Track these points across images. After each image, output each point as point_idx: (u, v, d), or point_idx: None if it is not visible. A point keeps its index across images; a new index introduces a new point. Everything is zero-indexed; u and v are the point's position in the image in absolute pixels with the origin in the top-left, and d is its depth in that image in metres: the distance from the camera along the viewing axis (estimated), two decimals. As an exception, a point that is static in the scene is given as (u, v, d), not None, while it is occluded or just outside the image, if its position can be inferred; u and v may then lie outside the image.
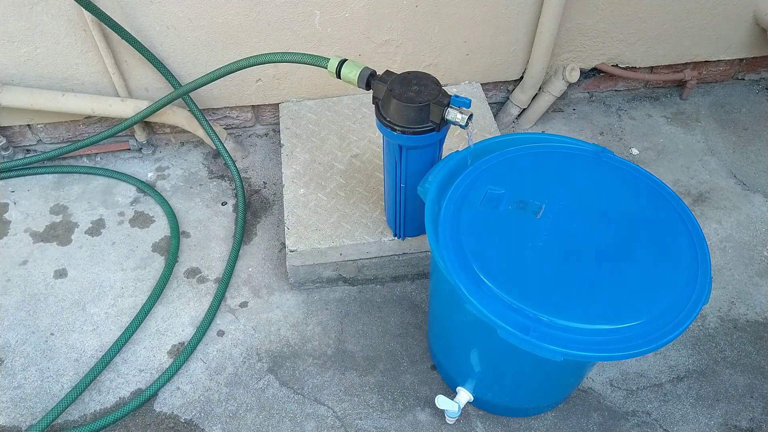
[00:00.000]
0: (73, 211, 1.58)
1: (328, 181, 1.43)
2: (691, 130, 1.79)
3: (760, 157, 1.71)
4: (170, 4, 1.41)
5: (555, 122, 1.81)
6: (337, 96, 1.66)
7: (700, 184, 1.64)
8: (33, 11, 1.38)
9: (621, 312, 0.83)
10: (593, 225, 0.93)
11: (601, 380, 1.26)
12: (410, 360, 1.29)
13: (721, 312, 1.37)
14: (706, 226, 1.53)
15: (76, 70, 1.51)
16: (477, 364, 1.07)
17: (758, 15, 1.67)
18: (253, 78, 1.59)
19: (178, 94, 1.46)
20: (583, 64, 1.73)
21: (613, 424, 1.20)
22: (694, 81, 1.82)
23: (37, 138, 1.69)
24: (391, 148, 1.09)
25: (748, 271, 1.44)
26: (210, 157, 1.72)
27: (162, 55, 1.50)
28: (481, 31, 1.58)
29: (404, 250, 1.35)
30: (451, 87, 1.68)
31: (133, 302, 1.38)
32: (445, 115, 0.99)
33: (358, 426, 1.19)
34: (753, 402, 1.23)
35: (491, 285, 0.85)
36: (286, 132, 1.56)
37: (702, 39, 1.73)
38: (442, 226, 0.93)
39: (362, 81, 1.05)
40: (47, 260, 1.47)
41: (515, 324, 0.81)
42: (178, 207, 1.58)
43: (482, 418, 1.20)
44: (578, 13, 1.59)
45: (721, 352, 1.30)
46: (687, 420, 1.20)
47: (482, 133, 1.52)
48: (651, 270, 0.88)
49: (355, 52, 1.57)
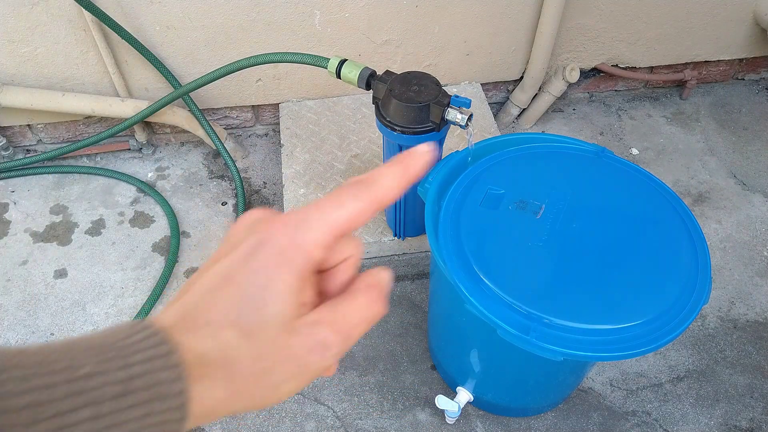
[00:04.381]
0: (73, 211, 1.58)
1: (328, 181, 1.43)
2: (691, 130, 1.79)
3: (760, 157, 1.71)
4: (170, 4, 1.41)
5: (555, 122, 1.81)
6: (337, 96, 1.66)
7: (700, 184, 1.64)
8: (33, 11, 1.38)
9: (621, 312, 0.83)
10: (593, 225, 0.93)
11: (601, 380, 1.26)
12: (410, 360, 1.29)
13: (721, 312, 1.37)
14: (706, 226, 1.53)
15: (76, 70, 1.51)
16: (477, 364, 1.07)
17: (758, 15, 1.67)
18: (253, 78, 1.59)
19: (178, 94, 1.46)
20: (583, 64, 1.73)
21: (613, 424, 1.20)
22: (694, 81, 1.82)
23: (37, 138, 1.69)
24: (391, 148, 1.09)
25: (748, 271, 1.44)
26: (210, 157, 1.72)
27: (162, 55, 1.50)
28: (481, 31, 1.58)
29: (404, 250, 1.35)
30: (451, 87, 1.68)
31: (133, 302, 1.38)
32: (445, 115, 0.99)
33: (358, 426, 1.19)
34: (753, 402, 1.23)
35: (491, 285, 0.85)
36: (286, 132, 1.56)
37: (702, 39, 1.73)
38: (442, 226, 0.93)
39: (362, 81, 1.05)
40: (47, 260, 1.47)
41: (515, 324, 0.81)
42: (178, 207, 1.58)
43: (482, 418, 1.20)
44: (578, 13, 1.59)
45: (721, 352, 1.30)
46: (687, 420, 1.20)
47: (482, 133, 1.52)
48: (651, 270, 0.88)
49: (355, 52, 1.57)
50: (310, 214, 0.28)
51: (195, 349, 0.26)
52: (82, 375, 0.23)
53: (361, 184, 0.28)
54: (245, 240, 0.28)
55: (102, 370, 0.24)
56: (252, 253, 0.27)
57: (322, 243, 0.27)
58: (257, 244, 0.27)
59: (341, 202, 0.28)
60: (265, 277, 0.26)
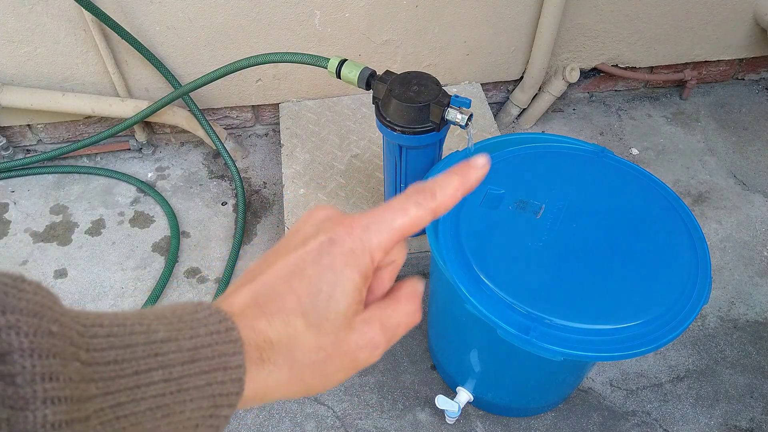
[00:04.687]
0: (73, 211, 1.58)
1: (328, 181, 1.43)
2: (691, 130, 1.79)
3: (760, 157, 1.71)
4: (170, 4, 1.41)
5: (555, 122, 1.81)
6: (337, 96, 1.66)
7: (700, 184, 1.64)
8: (33, 11, 1.38)
9: (621, 312, 0.83)
10: (593, 225, 0.93)
11: (601, 380, 1.26)
12: (410, 360, 1.29)
13: (721, 312, 1.37)
14: (706, 226, 1.53)
15: (76, 70, 1.51)
16: (477, 364, 1.07)
17: (758, 15, 1.67)
18: (253, 78, 1.59)
19: (178, 94, 1.46)
20: (583, 64, 1.73)
21: (613, 424, 1.20)
22: (694, 81, 1.82)
23: (37, 138, 1.69)
24: (391, 148, 1.09)
25: (748, 271, 1.44)
26: (210, 157, 1.72)
27: (162, 55, 1.50)
28: (481, 31, 1.58)
29: (404, 250, 1.35)
30: (451, 87, 1.68)
31: (133, 302, 1.38)
32: (445, 115, 0.99)
33: (357, 426, 1.19)
34: (753, 402, 1.23)
35: (491, 285, 0.85)
36: (286, 132, 1.56)
37: (702, 39, 1.73)
38: (442, 226, 0.93)
39: (362, 81, 1.05)
40: (47, 260, 1.47)
41: (515, 324, 0.81)
42: (178, 207, 1.58)
43: (482, 418, 1.20)
44: (578, 13, 1.59)
45: (721, 352, 1.30)
46: (687, 420, 1.20)
47: (482, 133, 1.52)
48: (651, 270, 0.88)
49: (355, 52, 1.57)
50: (376, 219, 0.30)
51: (264, 333, 0.28)
52: (158, 339, 0.25)
53: (424, 193, 0.30)
54: (315, 236, 0.30)
55: (174, 337, 0.26)
56: (324, 250, 0.29)
57: (384, 247, 0.30)
58: (329, 242, 0.29)
59: (405, 210, 0.30)
60: (335, 275, 0.29)
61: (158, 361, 0.25)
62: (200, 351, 0.26)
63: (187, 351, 0.26)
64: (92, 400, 0.23)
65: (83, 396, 0.22)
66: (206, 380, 0.26)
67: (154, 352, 0.25)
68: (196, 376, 0.26)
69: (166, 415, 0.25)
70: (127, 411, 0.24)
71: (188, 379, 0.26)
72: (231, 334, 0.27)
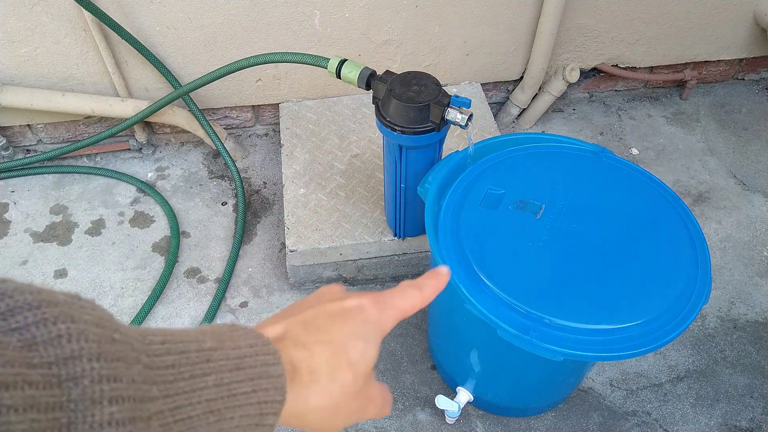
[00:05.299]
0: (73, 211, 1.58)
1: (328, 181, 1.43)
2: (691, 130, 1.79)
3: (760, 157, 1.71)
4: (170, 4, 1.41)
5: (555, 122, 1.81)
6: (337, 96, 1.66)
7: (700, 184, 1.64)
8: (33, 11, 1.38)
9: (621, 312, 0.83)
10: (593, 225, 0.93)
11: (601, 380, 1.26)
12: (410, 360, 1.29)
13: (721, 312, 1.37)
14: (706, 226, 1.53)
15: (76, 70, 1.51)
16: (477, 364, 1.07)
17: (758, 15, 1.67)
18: (253, 78, 1.59)
19: (178, 94, 1.46)
20: (583, 64, 1.73)
21: (613, 424, 1.20)
22: (694, 81, 1.82)
23: (37, 138, 1.69)
24: (391, 148, 1.09)
25: (748, 271, 1.44)
26: (210, 157, 1.72)
27: (162, 55, 1.50)
28: (481, 31, 1.58)
29: (404, 250, 1.35)
30: (451, 87, 1.68)
31: (133, 302, 1.38)
32: (445, 115, 0.99)
33: (358, 426, 1.19)
34: (753, 402, 1.23)
35: (491, 285, 0.85)
36: (286, 132, 1.56)
37: (702, 39, 1.73)
38: (442, 226, 0.93)
39: (362, 81, 1.05)
40: (47, 260, 1.47)
41: (515, 324, 0.81)
42: (178, 207, 1.58)
43: (482, 418, 1.20)
44: (578, 13, 1.59)
45: (721, 352, 1.30)
46: (687, 420, 1.20)
47: (482, 133, 1.52)
48: (651, 270, 0.88)
49: (355, 52, 1.57)
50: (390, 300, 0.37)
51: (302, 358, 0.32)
52: (207, 347, 0.28)
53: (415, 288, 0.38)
54: (348, 298, 0.36)
55: (220, 346, 0.28)
56: (360, 308, 0.35)
57: (393, 321, 0.37)
58: (360, 306, 0.35)
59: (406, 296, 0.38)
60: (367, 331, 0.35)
61: (210, 367, 0.27)
62: (244, 360, 0.29)
63: (234, 359, 0.28)
64: (154, 402, 0.25)
65: (146, 396, 0.24)
66: (252, 387, 0.28)
67: (206, 358, 0.27)
68: (243, 382, 0.28)
69: (217, 420, 0.27)
70: (185, 414, 0.26)
71: (237, 385, 0.28)
72: (268, 347, 0.30)
